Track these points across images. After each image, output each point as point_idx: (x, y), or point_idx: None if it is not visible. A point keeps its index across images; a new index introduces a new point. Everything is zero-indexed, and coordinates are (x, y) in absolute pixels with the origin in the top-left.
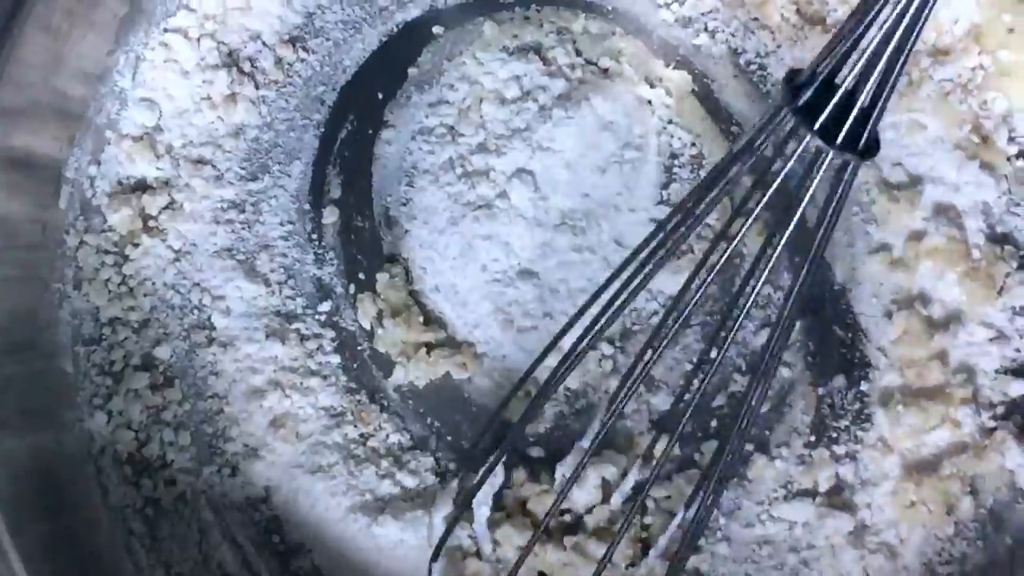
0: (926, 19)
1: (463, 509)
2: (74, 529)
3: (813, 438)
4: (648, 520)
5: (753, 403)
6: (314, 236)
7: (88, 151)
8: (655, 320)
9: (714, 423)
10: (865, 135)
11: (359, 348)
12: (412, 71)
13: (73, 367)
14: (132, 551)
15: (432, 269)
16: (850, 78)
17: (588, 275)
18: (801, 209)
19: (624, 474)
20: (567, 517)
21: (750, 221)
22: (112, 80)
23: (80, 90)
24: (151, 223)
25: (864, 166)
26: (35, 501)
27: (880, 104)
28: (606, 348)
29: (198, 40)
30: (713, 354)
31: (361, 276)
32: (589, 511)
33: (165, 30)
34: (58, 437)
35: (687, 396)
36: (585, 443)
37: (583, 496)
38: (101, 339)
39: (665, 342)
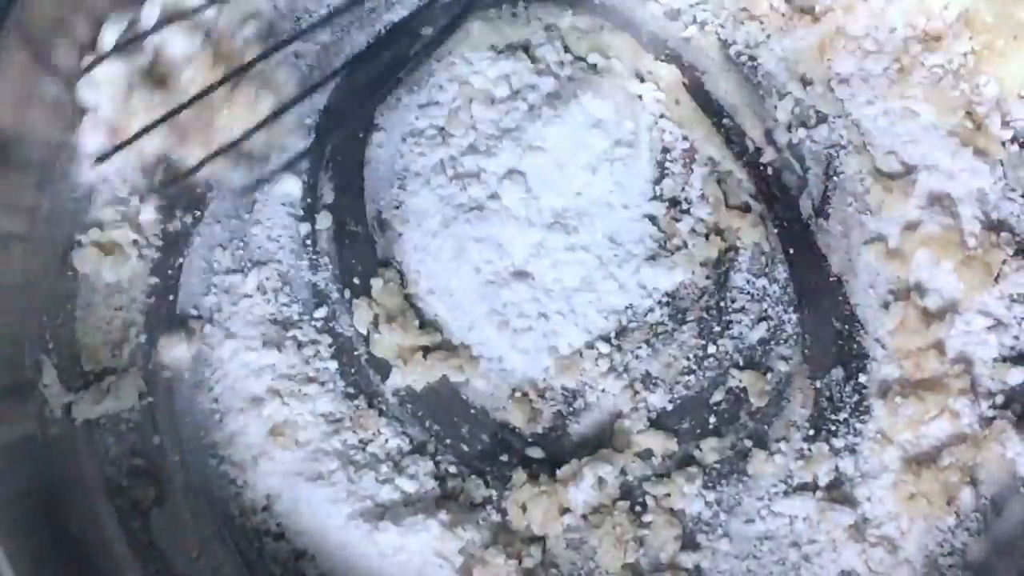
0: None
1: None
2: (72, 541)
3: (812, 432)
4: (648, 519)
5: None
6: (308, 242)
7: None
8: (651, 317)
9: (712, 419)
10: None
11: (356, 353)
12: (401, 73)
13: (68, 377)
14: (133, 562)
15: (426, 272)
16: None
17: (582, 274)
18: None
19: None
20: (567, 518)
21: None
22: None
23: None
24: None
25: (857, 154)
26: (32, 514)
27: None
28: (602, 346)
29: None
30: (710, 350)
31: (356, 281)
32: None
33: None
34: (54, 449)
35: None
36: None
37: (580, 495)
38: None
39: None
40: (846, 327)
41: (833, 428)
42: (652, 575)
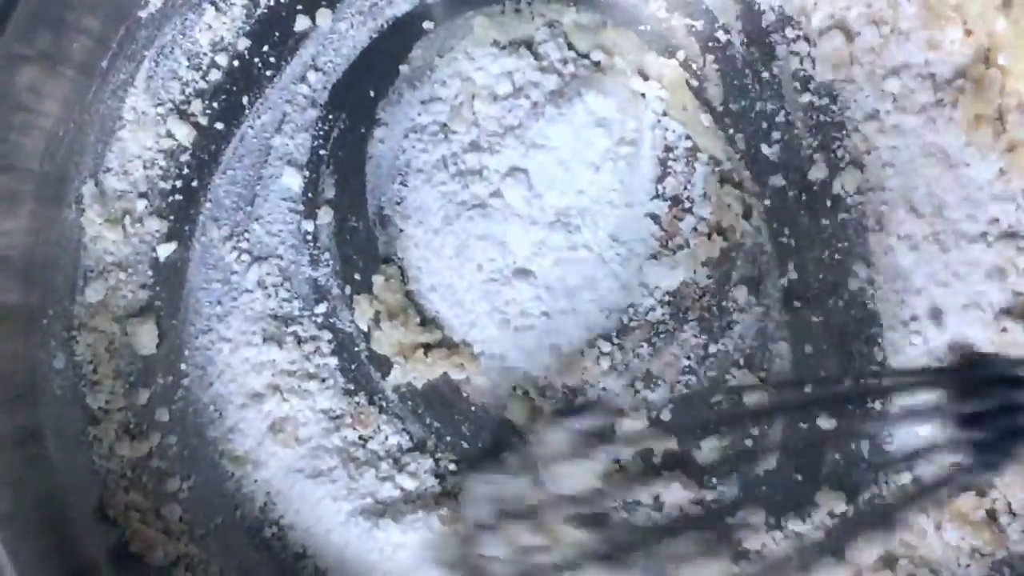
0: None
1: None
2: (72, 539)
3: None
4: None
5: None
6: (309, 237)
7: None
8: (652, 316)
9: (712, 418)
10: None
11: (356, 350)
12: (403, 68)
13: (70, 370)
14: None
15: (428, 269)
16: None
17: (584, 272)
18: None
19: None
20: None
21: None
22: None
23: None
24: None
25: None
26: (32, 514)
27: None
28: (604, 345)
29: None
30: (711, 349)
31: (357, 277)
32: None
33: None
34: (54, 447)
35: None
36: None
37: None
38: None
39: None
40: (847, 326)
41: None
42: None
